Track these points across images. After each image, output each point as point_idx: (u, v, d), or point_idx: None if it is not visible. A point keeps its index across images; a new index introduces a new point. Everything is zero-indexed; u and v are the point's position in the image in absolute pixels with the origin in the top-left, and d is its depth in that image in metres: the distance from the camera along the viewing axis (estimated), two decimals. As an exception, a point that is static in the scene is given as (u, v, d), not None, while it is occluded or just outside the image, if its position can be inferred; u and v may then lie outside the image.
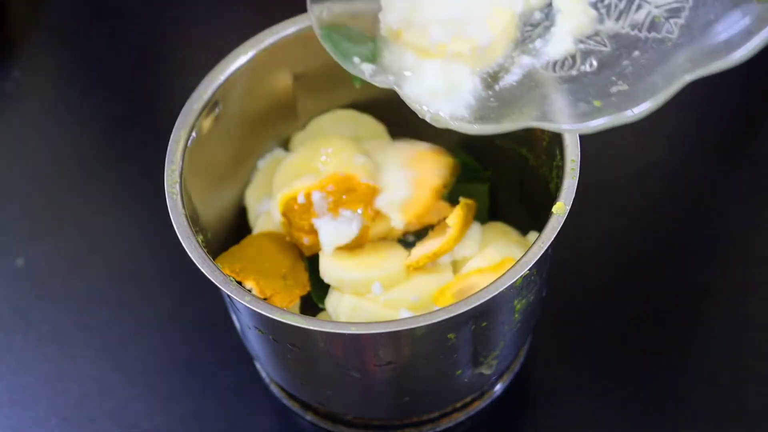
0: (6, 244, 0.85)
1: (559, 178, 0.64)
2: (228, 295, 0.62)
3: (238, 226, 0.75)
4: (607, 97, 0.58)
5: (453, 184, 0.72)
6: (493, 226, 0.73)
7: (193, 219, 0.65)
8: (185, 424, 0.76)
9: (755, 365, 0.76)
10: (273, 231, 0.72)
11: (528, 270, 0.60)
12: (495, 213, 0.75)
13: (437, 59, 0.61)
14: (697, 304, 0.79)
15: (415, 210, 0.69)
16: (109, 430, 0.76)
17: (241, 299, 0.60)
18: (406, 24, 0.62)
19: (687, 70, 0.56)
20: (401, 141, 0.73)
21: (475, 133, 0.60)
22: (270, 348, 0.67)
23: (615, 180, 0.85)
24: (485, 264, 0.68)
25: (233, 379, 0.77)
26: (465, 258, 0.70)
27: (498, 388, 0.75)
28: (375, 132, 0.76)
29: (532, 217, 0.72)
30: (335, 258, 0.69)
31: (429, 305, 0.68)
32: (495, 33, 0.61)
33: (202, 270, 0.61)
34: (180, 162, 0.66)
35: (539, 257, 0.60)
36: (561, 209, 0.61)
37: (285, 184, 0.71)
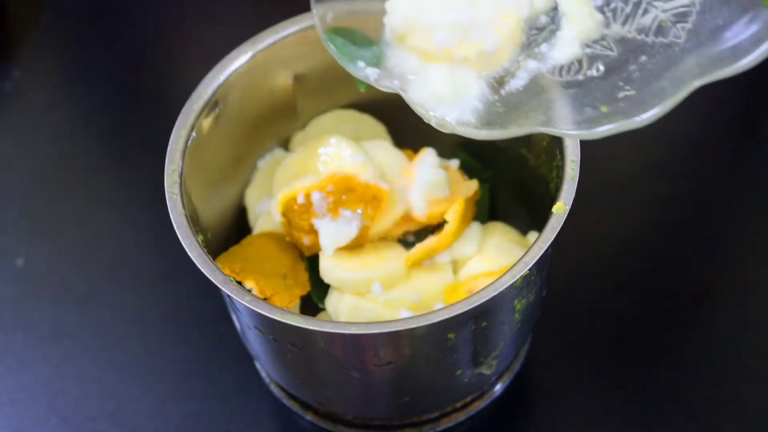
0: (6, 244, 0.85)
1: (559, 178, 0.64)
2: (228, 295, 0.62)
3: (238, 226, 0.75)
4: (615, 103, 0.57)
5: (474, 211, 0.72)
6: (493, 226, 0.73)
7: (193, 219, 0.65)
8: (185, 424, 0.76)
9: (755, 365, 0.76)
10: (273, 231, 0.72)
11: (528, 270, 0.60)
12: (495, 213, 0.75)
13: (443, 64, 0.61)
14: (697, 304, 0.79)
15: (443, 209, 0.70)
16: (109, 430, 0.76)
17: (241, 299, 0.60)
18: (410, 28, 0.61)
19: (695, 75, 0.55)
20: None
21: (482, 138, 0.60)
22: (270, 348, 0.67)
23: (615, 180, 0.85)
24: (485, 264, 0.68)
25: (233, 379, 0.77)
26: (465, 257, 0.70)
27: (498, 388, 0.75)
28: (375, 132, 0.76)
29: (532, 217, 0.72)
30: (335, 258, 0.69)
31: (429, 305, 0.68)
32: (501, 37, 0.60)
33: (202, 270, 0.61)
34: (180, 162, 0.66)
35: (539, 257, 0.60)
36: (561, 209, 0.61)
37: (285, 184, 0.71)
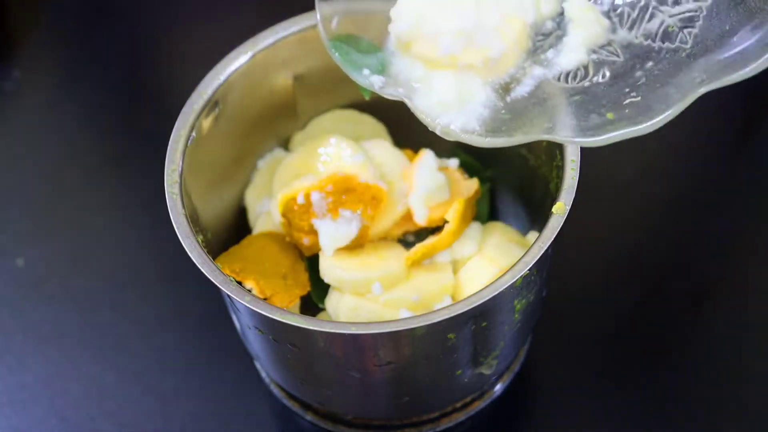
0: (6, 244, 0.85)
1: (559, 178, 0.64)
2: (228, 295, 0.62)
3: (238, 226, 0.75)
4: (620, 109, 0.57)
5: (474, 211, 0.72)
6: (493, 226, 0.73)
7: (193, 219, 0.65)
8: (185, 424, 0.76)
9: (755, 365, 0.76)
10: (273, 231, 0.72)
11: (528, 270, 0.60)
12: (495, 213, 0.75)
13: (448, 71, 0.61)
14: (697, 304, 0.79)
15: (443, 212, 0.70)
16: (109, 430, 0.76)
17: (241, 299, 0.60)
18: (415, 35, 0.61)
19: (702, 81, 0.55)
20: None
21: (487, 146, 0.60)
22: (270, 348, 0.67)
23: (615, 180, 0.85)
24: (485, 264, 0.68)
25: (233, 379, 0.77)
26: (465, 257, 0.70)
27: (498, 388, 0.75)
28: (375, 132, 0.76)
29: (532, 217, 0.72)
30: (335, 258, 0.69)
31: (429, 305, 0.68)
32: (506, 43, 0.60)
33: (202, 270, 0.61)
34: (180, 162, 0.66)
35: (539, 257, 0.60)
36: (561, 209, 0.61)
37: (285, 184, 0.71)
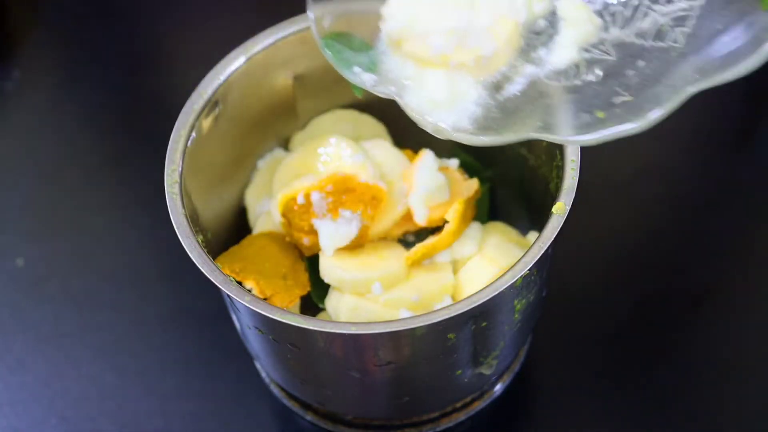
0: (6, 244, 0.85)
1: (559, 178, 0.64)
2: (228, 295, 0.62)
3: (238, 226, 0.75)
4: (611, 108, 0.57)
5: (474, 211, 0.72)
6: (493, 226, 0.73)
7: (193, 219, 0.65)
8: (185, 424, 0.76)
9: (755, 365, 0.76)
10: (273, 231, 0.72)
11: (528, 270, 0.60)
12: (495, 213, 0.75)
13: (439, 69, 0.61)
14: (697, 304, 0.79)
15: (443, 212, 0.70)
16: (109, 430, 0.76)
17: (241, 299, 0.60)
18: (407, 34, 0.61)
19: (693, 80, 0.55)
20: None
21: (478, 144, 0.60)
22: (270, 348, 0.67)
23: (615, 180, 0.85)
24: (485, 264, 0.68)
25: (233, 379, 0.77)
26: (465, 257, 0.70)
27: (498, 388, 0.75)
28: (375, 132, 0.76)
29: (532, 217, 0.72)
30: (335, 258, 0.69)
31: (429, 305, 0.68)
32: (498, 43, 0.60)
33: (202, 270, 0.61)
34: (180, 162, 0.66)
35: (539, 257, 0.60)
36: (561, 209, 0.61)
37: (285, 184, 0.71)
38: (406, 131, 0.73)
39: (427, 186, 0.70)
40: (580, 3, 0.60)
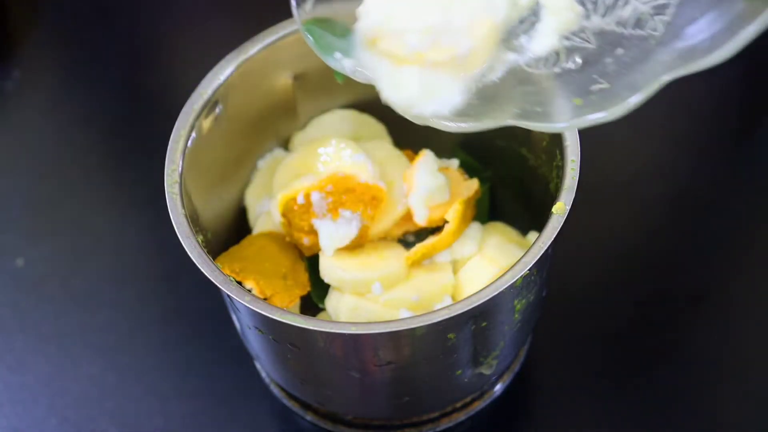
0: (6, 244, 0.85)
1: (559, 178, 0.64)
2: (228, 295, 0.62)
3: (238, 226, 0.75)
4: (588, 96, 0.57)
5: (474, 211, 0.72)
6: (493, 226, 0.73)
7: (193, 219, 0.65)
8: (185, 424, 0.76)
9: (755, 365, 0.76)
10: (273, 231, 0.72)
11: (528, 270, 0.60)
12: (495, 213, 0.75)
13: (414, 67, 0.60)
14: (697, 304, 0.79)
15: (443, 212, 0.70)
16: (109, 430, 0.76)
17: (241, 299, 0.60)
18: (382, 32, 0.60)
19: (668, 68, 0.55)
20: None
21: (456, 131, 0.60)
22: (270, 348, 0.67)
23: (615, 180, 0.85)
24: (485, 263, 0.68)
25: (233, 379, 0.77)
26: (465, 257, 0.70)
27: (498, 388, 0.75)
28: (375, 132, 0.76)
29: (532, 217, 0.72)
30: (335, 258, 0.69)
31: (429, 305, 0.68)
32: (475, 42, 0.60)
33: (202, 270, 0.61)
34: (180, 162, 0.66)
35: (539, 257, 0.60)
36: (561, 209, 0.61)
37: (285, 184, 0.71)
38: (406, 131, 0.73)
39: (427, 186, 0.70)
40: None
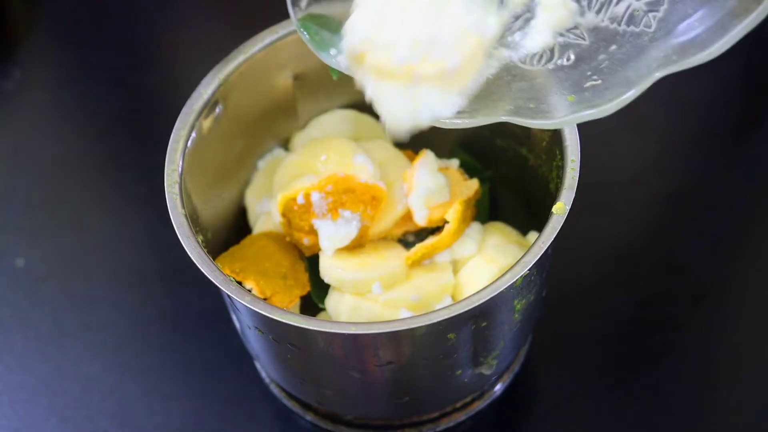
0: (6, 244, 0.85)
1: (559, 178, 0.64)
2: (228, 295, 0.62)
3: (238, 226, 0.75)
4: (581, 92, 0.57)
5: (474, 211, 0.72)
6: (493, 226, 0.73)
7: (193, 219, 0.65)
8: (185, 424, 0.76)
9: (755, 366, 0.76)
10: (273, 231, 0.72)
11: (528, 270, 0.60)
12: (495, 213, 0.75)
13: (399, 85, 0.60)
14: (697, 304, 0.79)
15: (443, 212, 0.70)
16: (109, 430, 0.76)
17: (241, 299, 0.60)
18: (370, 45, 0.60)
19: (661, 64, 0.55)
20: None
21: (449, 127, 0.60)
22: (270, 348, 0.67)
23: (615, 180, 0.85)
24: (485, 263, 0.68)
25: (233, 379, 0.77)
26: (465, 257, 0.70)
27: (498, 388, 0.75)
28: (375, 132, 0.76)
29: (532, 217, 0.72)
30: (335, 258, 0.69)
31: (429, 305, 0.68)
32: (463, 56, 0.59)
33: (202, 270, 0.61)
34: (180, 162, 0.66)
35: (539, 257, 0.60)
36: (561, 209, 0.61)
37: (285, 184, 0.71)
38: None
39: (427, 186, 0.70)
40: None
